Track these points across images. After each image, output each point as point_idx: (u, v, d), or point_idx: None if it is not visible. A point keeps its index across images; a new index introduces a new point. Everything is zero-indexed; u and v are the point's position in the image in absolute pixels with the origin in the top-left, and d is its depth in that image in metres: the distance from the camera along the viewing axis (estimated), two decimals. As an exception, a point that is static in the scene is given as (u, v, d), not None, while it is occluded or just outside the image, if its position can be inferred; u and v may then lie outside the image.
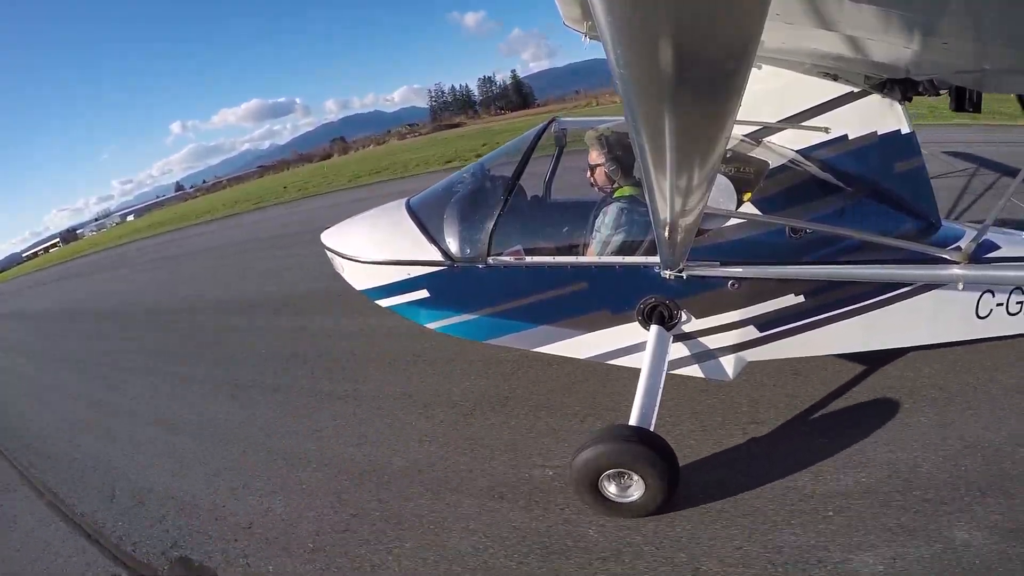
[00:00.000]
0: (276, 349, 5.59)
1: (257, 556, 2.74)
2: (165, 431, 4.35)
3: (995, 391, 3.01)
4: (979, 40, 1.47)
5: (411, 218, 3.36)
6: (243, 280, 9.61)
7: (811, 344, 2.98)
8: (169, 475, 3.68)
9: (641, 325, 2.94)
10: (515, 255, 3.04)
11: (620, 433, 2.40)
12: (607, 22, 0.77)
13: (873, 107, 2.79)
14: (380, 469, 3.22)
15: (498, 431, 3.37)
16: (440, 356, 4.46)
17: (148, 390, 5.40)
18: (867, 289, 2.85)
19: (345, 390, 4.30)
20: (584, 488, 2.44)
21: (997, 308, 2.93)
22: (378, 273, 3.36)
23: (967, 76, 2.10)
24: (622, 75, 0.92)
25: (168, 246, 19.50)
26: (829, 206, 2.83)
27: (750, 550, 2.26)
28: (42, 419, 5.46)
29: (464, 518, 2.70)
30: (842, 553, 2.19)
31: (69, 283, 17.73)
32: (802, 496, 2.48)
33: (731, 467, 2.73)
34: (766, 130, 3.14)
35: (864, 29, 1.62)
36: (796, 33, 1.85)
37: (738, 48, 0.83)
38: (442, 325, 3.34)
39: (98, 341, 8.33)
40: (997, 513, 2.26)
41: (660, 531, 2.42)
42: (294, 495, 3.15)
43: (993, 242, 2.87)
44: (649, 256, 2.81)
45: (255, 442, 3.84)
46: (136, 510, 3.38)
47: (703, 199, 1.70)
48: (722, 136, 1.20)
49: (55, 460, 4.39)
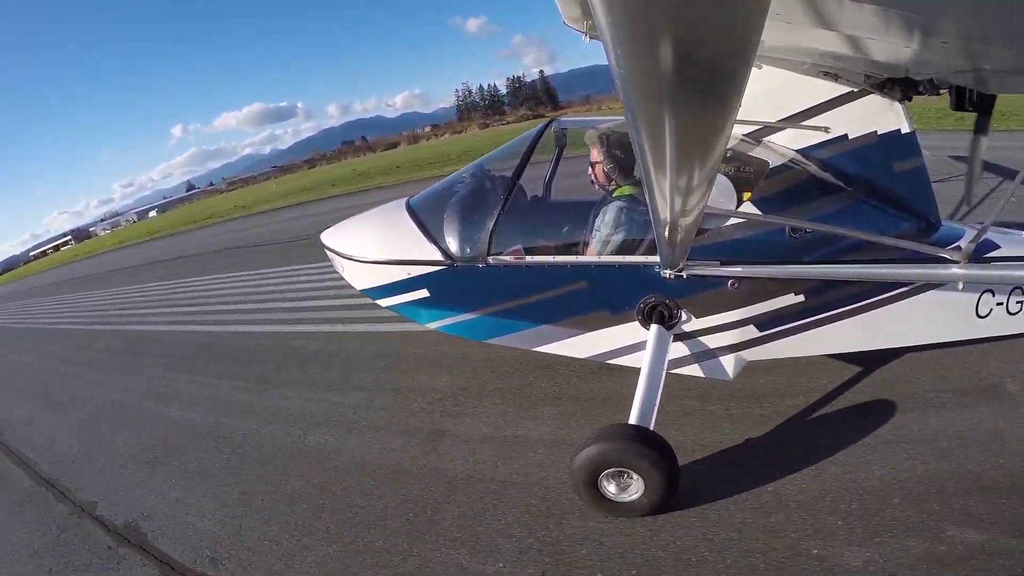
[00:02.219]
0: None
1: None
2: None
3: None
4: (979, 40, 1.47)
5: (411, 218, 3.37)
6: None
7: (811, 344, 2.98)
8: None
9: (641, 324, 2.95)
10: (515, 255, 3.04)
11: (620, 432, 2.40)
12: (607, 22, 0.78)
13: (873, 107, 2.79)
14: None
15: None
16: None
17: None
18: (867, 288, 2.85)
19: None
20: (583, 487, 2.44)
21: (997, 308, 2.93)
22: (378, 273, 3.37)
23: (967, 76, 2.10)
24: (622, 75, 0.92)
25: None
26: (829, 206, 2.83)
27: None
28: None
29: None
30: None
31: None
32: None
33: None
34: (766, 130, 3.14)
35: (864, 28, 1.62)
36: (796, 33, 1.85)
37: (738, 48, 0.84)
38: (442, 325, 3.34)
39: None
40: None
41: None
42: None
43: (993, 242, 2.87)
44: (649, 255, 2.82)
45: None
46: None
47: (703, 199, 1.70)
48: (722, 136, 1.20)
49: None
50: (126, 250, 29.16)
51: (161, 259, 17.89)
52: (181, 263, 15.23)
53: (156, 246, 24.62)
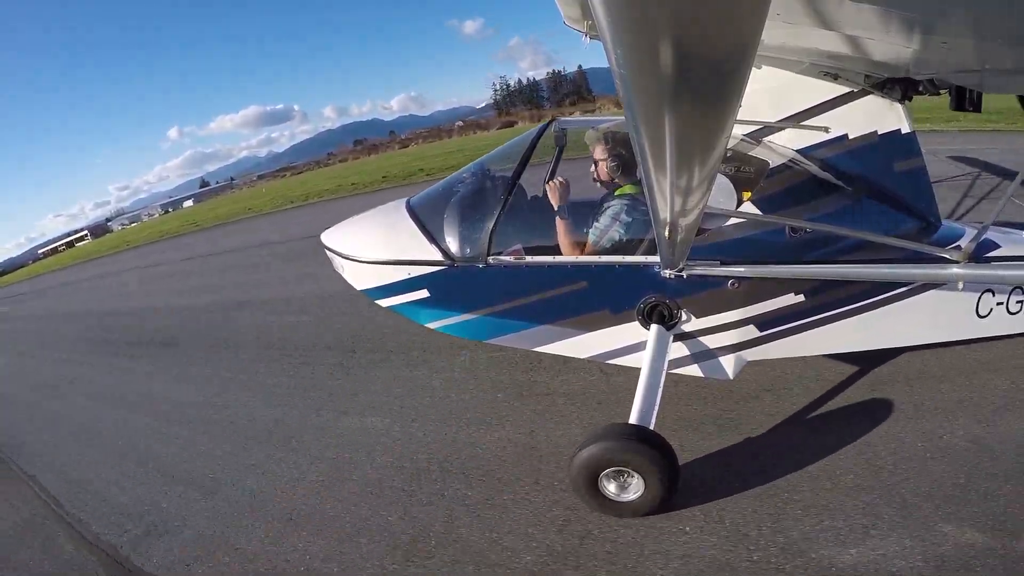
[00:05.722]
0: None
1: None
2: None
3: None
4: (979, 40, 1.47)
5: (411, 218, 3.36)
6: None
7: (811, 343, 2.98)
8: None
9: (641, 324, 2.94)
10: (515, 255, 3.04)
11: (620, 431, 2.40)
12: (607, 22, 0.78)
13: (873, 107, 2.79)
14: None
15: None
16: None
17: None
18: (867, 288, 2.85)
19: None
20: (583, 486, 2.44)
21: (997, 307, 2.93)
22: (378, 273, 3.36)
23: (967, 76, 2.10)
24: (622, 75, 0.92)
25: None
26: (829, 205, 2.83)
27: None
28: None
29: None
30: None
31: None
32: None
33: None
34: (766, 130, 3.14)
35: (864, 29, 1.62)
36: (796, 33, 1.86)
37: (738, 48, 0.84)
38: (442, 325, 3.34)
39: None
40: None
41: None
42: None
43: (993, 241, 2.87)
44: (649, 255, 2.82)
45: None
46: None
47: (703, 199, 1.70)
48: (722, 136, 1.20)
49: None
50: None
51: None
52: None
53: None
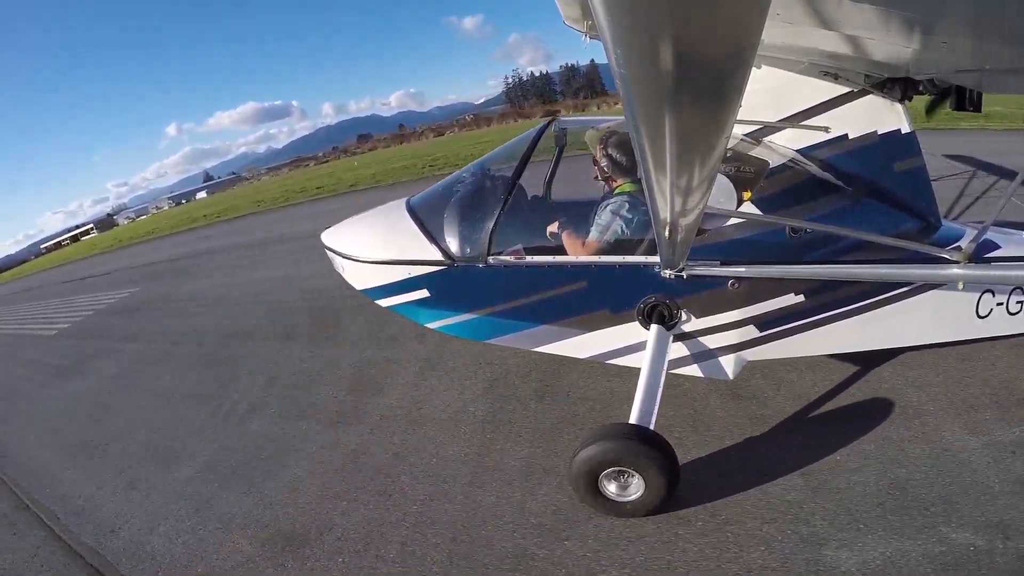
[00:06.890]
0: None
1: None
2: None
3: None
4: (979, 40, 1.47)
5: (411, 218, 3.36)
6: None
7: (811, 344, 2.98)
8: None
9: (641, 325, 2.94)
10: (515, 255, 3.04)
11: (620, 431, 2.40)
12: (607, 22, 0.78)
13: (873, 107, 2.79)
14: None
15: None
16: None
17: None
18: (867, 289, 2.85)
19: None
20: (584, 486, 2.44)
21: (997, 308, 2.93)
22: (378, 273, 3.36)
23: (967, 76, 2.10)
24: (622, 75, 0.92)
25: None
26: (829, 206, 2.83)
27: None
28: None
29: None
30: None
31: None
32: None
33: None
34: (766, 130, 3.14)
35: (864, 28, 1.62)
36: (796, 32, 1.86)
37: (738, 48, 0.84)
38: (442, 325, 3.34)
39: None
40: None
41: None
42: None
43: (993, 242, 2.87)
44: (649, 255, 2.81)
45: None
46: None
47: (703, 199, 1.70)
48: (722, 136, 1.20)
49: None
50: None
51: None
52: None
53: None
